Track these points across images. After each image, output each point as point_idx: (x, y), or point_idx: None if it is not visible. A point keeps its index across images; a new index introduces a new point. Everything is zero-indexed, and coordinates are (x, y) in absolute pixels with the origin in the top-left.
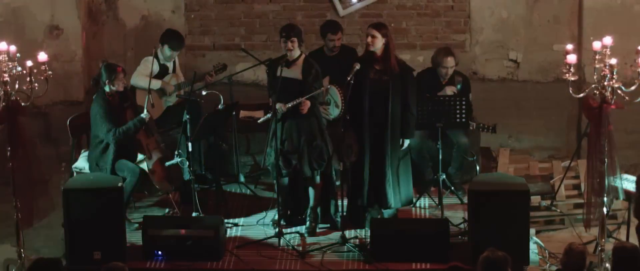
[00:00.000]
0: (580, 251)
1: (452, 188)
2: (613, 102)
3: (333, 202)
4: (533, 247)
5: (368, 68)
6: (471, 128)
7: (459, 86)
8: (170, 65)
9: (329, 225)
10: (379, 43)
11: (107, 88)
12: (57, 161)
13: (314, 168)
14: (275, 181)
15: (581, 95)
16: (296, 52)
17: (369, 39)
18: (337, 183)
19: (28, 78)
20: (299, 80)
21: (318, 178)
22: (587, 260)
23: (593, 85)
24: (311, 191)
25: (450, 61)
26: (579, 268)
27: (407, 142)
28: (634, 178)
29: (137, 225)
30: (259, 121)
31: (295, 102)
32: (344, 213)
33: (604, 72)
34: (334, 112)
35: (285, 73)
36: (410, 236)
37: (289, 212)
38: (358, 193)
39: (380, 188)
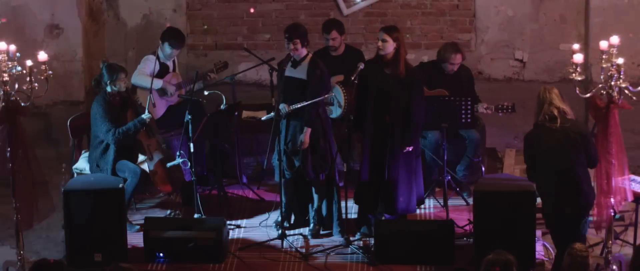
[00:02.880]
0: (584, 254)
1: (458, 189)
2: (620, 102)
3: (336, 206)
4: (539, 249)
5: (376, 71)
6: (490, 111)
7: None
8: (170, 64)
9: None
10: (389, 47)
11: (108, 89)
12: (58, 162)
13: (317, 170)
14: (278, 181)
15: (588, 95)
16: (302, 52)
17: (380, 43)
18: (340, 184)
19: (28, 78)
20: (303, 80)
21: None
22: (590, 261)
23: (600, 85)
24: (314, 193)
25: (458, 58)
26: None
27: (408, 149)
28: None
29: (138, 227)
30: (262, 119)
31: (298, 106)
32: (345, 217)
33: (611, 72)
34: (336, 111)
35: (292, 73)
36: (415, 238)
37: (292, 215)
38: (360, 195)
39: (381, 192)
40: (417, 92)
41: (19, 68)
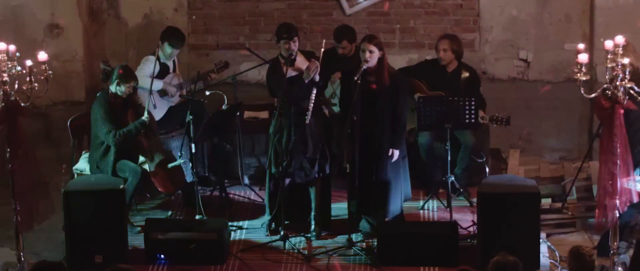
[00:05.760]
0: (590, 255)
1: (461, 190)
2: (625, 102)
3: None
4: (544, 250)
5: (361, 80)
6: (485, 121)
7: (466, 82)
8: (170, 64)
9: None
10: (376, 57)
11: (112, 88)
12: (58, 162)
13: (313, 170)
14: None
15: (593, 95)
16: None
17: (367, 54)
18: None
19: (28, 78)
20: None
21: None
22: (596, 262)
23: (605, 85)
24: (312, 193)
25: (443, 43)
26: None
27: (396, 153)
28: None
29: (139, 228)
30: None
31: (313, 96)
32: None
33: (616, 72)
34: (337, 107)
35: (290, 72)
36: (418, 240)
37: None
38: (351, 198)
39: (369, 196)
40: (402, 97)
41: (19, 68)
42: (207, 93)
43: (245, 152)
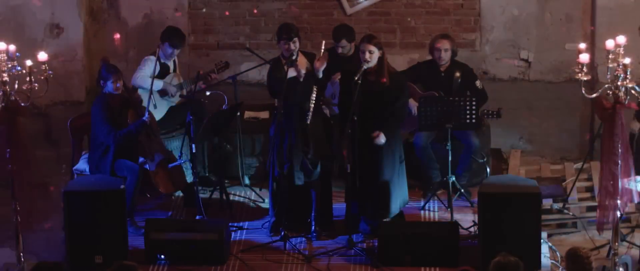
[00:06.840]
0: (587, 257)
1: (462, 190)
2: (627, 102)
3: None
4: (545, 251)
5: (362, 80)
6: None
7: (459, 80)
8: (170, 64)
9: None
10: (376, 57)
11: (106, 88)
12: (58, 163)
13: (315, 171)
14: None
15: (594, 95)
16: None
17: (367, 55)
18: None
19: (28, 78)
20: (310, 73)
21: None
22: (593, 264)
23: (606, 85)
24: (313, 194)
25: (444, 43)
26: None
27: (382, 136)
28: None
29: (144, 230)
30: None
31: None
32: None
33: (617, 72)
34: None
35: (291, 72)
36: (419, 240)
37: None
38: (351, 199)
39: (368, 198)
40: (403, 96)
41: (19, 68)
42: (207, 93)
43: (245, 152)
